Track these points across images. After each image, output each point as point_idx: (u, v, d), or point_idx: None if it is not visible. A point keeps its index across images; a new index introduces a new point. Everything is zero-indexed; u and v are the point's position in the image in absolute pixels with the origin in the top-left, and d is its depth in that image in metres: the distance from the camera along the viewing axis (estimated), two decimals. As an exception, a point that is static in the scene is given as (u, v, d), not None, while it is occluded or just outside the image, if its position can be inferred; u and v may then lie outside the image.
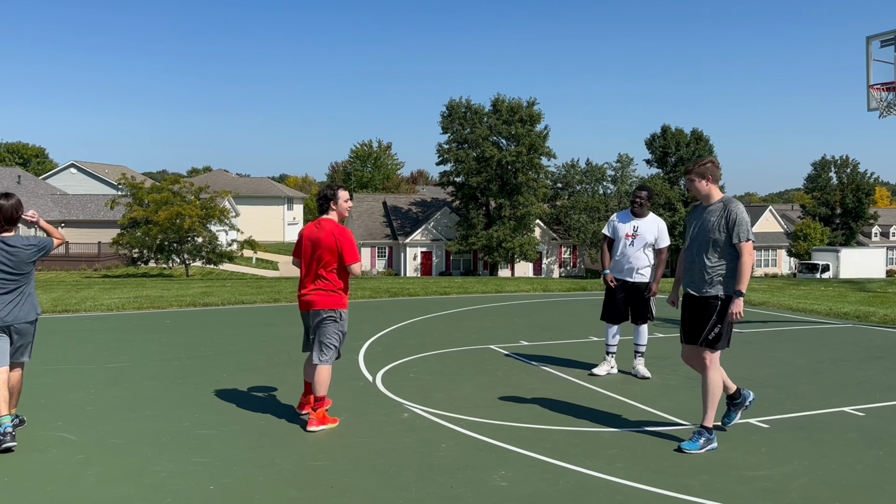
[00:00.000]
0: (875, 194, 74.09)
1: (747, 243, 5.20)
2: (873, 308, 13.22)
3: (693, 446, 5.17)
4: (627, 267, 7.35)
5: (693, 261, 5.38)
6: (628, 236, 7.34)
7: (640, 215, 7.41)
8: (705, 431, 5.25)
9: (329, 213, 5.89)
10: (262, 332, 10.38)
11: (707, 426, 5.26)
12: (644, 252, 7.34)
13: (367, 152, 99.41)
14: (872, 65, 9.38)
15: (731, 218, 5.21)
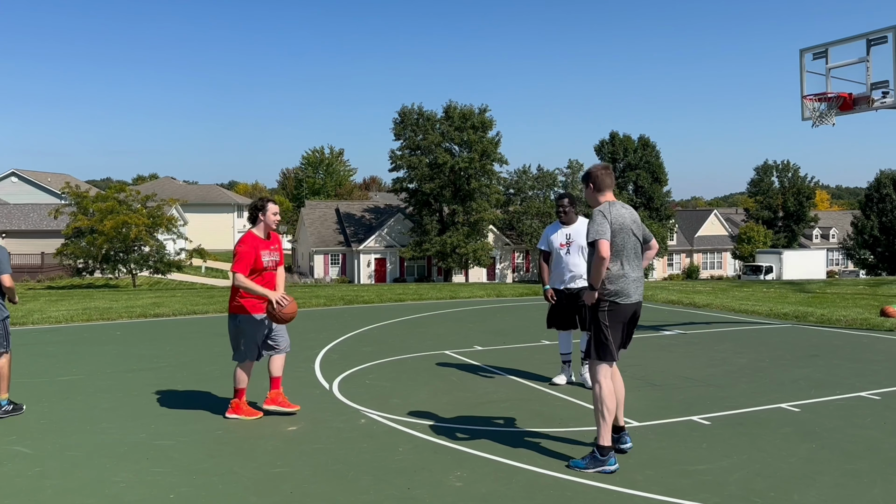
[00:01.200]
0: (815, 198, 76.52)
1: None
2: (811, 308, 13.77)
3: (579, 464, 5.03)
4: (570, 275, 7.31)
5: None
6: (562, 245, 7.33)
7: (569, 222, 7.33)
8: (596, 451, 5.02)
9: (256, 225, 6.24)
10: (216, 343, 10.35)
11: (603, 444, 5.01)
12: (582, 257, 7.25)
13: (319, 159, 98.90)
14: (806, 76, 9.87)
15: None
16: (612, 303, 5.09)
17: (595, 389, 5.09)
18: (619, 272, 5.09)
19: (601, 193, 5.25)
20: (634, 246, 5.20)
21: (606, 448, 4.97)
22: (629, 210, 5.28)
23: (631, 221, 5.20)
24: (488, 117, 52.57)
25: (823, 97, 9.45)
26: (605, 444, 4.96)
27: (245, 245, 6.07)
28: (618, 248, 5.09)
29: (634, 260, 5.19)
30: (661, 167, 62.49)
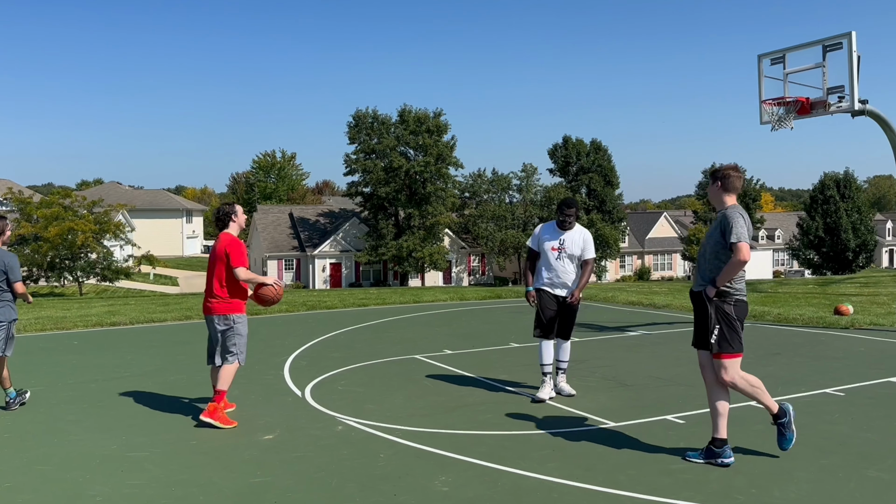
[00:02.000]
0: (761, 199, 78.53)
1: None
2: (767, 307, 14.12)
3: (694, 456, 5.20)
4: (557, 281, 7.09)
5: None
6: (554, 250, 7.06)
7: (568, 229, 7.13)
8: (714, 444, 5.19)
9: (229, 227, 6.53)
10: (179, 351, 10.14)
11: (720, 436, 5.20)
12: (572, 265, 7.08)
13: (271, 163, 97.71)
14: (764, 81, 10.12)
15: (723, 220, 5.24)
16: (738, 299, 5.26)
17: (740, 386, 5.25)
18: (742, 272, 5.28)
19: (728, 195, 5.35)
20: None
21: (724, 440, 5.17)
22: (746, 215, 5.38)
23: (749, 226, 5.37)
24: (443, 121, 52.67)
25: (781, 101, 9.71)
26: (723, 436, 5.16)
27: (237, 242, 6.42)
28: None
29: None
30: (613, 170, 63.39)
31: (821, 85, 9.49)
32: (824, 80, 9.45)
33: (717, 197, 5.38)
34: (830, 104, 9.39)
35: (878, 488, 4.56)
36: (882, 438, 5.55)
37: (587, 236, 7.18)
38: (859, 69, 9.06)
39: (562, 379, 7.27)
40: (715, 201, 5.41)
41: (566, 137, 63.85)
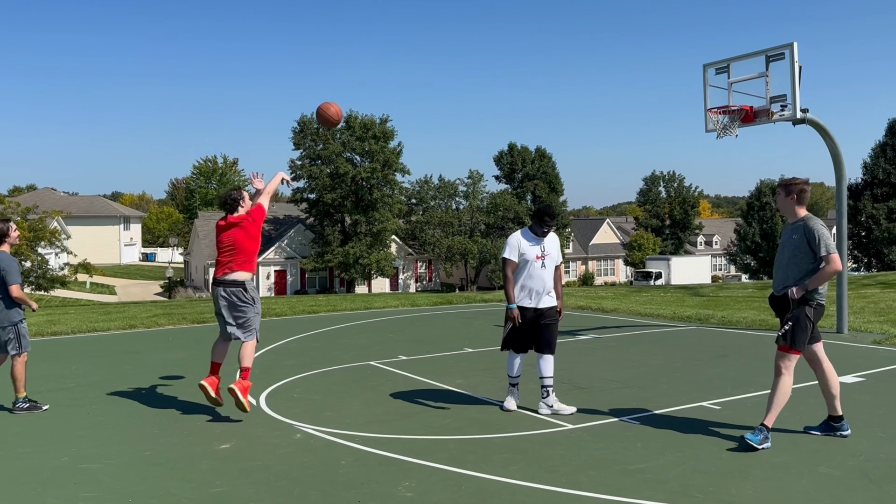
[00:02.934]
0: (699, 206, 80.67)
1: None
2: (711, 311, 14.49)
3: (754, 438, 5.48)
4: (539, 290, 6.73)
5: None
6: (539, 258, 6.72)
7: (546, 237, 6.89)
8: (765, 429, 5.54)
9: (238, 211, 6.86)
10: (125, 361, 9.86)
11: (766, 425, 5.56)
12: (550, 272, 6.82)
13: (212, 168, 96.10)
14: (709, 90, 10.40)
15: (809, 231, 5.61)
16: (819, 304, 5.64)
17: (781, 380, 5.65)
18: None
19: (801, 207, 5.74)
20: None
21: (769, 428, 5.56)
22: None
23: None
24: (390, 127, 52.59)
25: (726, 110, 9.99)
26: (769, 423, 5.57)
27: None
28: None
29: None
30: (558, 177, 64.35)
31: (764, 94, 9.81)
32: (767, 89, 9.77)
33: (789, 208, 5.76)
34: (773, 112, 9.71)
35: (830, 484, 4.72)
36: (831, 436, 5.75)
37: (557, 240, 7.05)
38: (801, 79, 9.41)
39: (555, 399, 6.73)
40: (786, 211, 5.80)
41: (511, 144, 64.60)
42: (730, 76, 10.17)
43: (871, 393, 7.18)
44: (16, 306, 6.90)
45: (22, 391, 6.93)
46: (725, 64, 10.17)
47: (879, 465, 5.04)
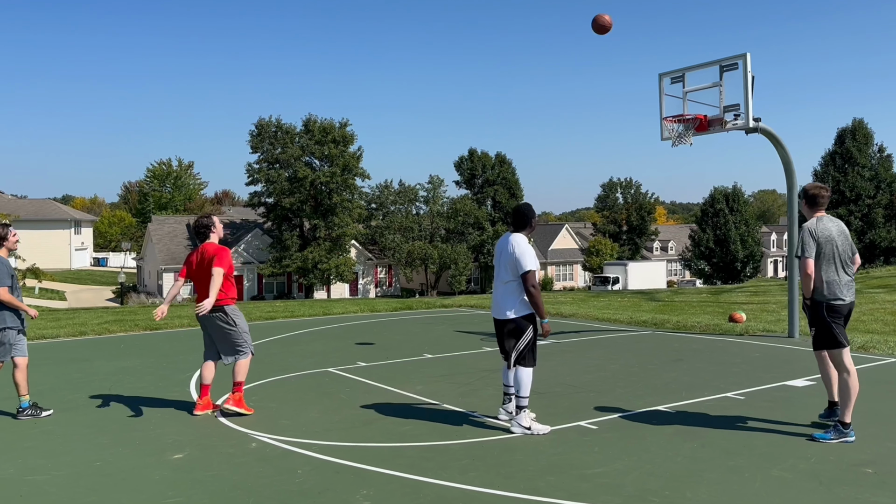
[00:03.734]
0: (655, 213, 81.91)
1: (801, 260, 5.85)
2: (666, 316, 14.71)
3: (825, 437, 5.79)
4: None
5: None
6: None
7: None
8: (839, 426, 5.79)
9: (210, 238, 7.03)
10: (75, 369, 9.62)
11: (845, 421, 5.80)
12: None
13: (166, 171, 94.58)
14: (665, 99, 10.57)
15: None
16: (828, 304, 5.85)
17: (844, 377, 5.83)
18: (830, 277, 5.85)
19: (811, 208, 6.02)
20: (842, 254, 5.91)
21: (848, 423, 5.79)
22: (836, 223, 5.98)
23: (837, 233, 5.92)
24: (349, 132, 52.37)
25: (681, 119, 10.15)
26: (848, 420, 5.79)
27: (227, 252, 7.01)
28: (827, 256, 5.86)
29: (842, 266, 5.90)
30: (517, 183, 64.73)
31: (718, 103, 9.99)
32: (721, 98, 9.96)
33: (806, 212, 6.09)
34: (727, 121, 9.90)
35: (783, 487, 4.80)
36: (782, 439, 5.86)
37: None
38: (753, 88, 9.61)
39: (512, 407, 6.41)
40: (807, 216, 6.10)
41: (472, 150, 64.78)
42: (685, 85, 10.35)
43: (822, 396, 7.32)
44: (7, 312, 6.81)
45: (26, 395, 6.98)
46: (680, 73, 10.35)
47: (829, 468, 5.15)
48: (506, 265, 6.22)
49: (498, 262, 6.37)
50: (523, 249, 6.15)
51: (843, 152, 54.48)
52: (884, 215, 53.09)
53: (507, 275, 6.22)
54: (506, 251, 6.24)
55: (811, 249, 5.82)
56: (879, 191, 53.76)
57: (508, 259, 6.19)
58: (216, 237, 7.08)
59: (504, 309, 6.23)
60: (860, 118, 55.06)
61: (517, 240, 6.23)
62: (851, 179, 53.21)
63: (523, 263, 6.09)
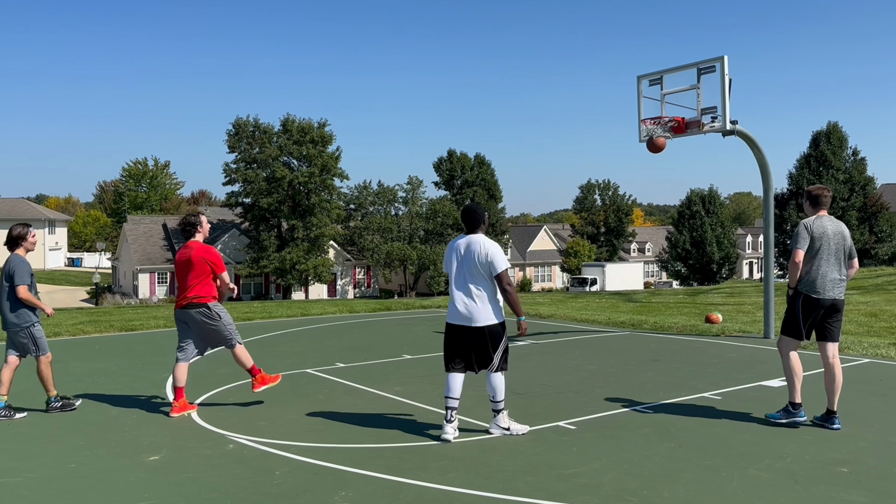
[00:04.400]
0: (633, 214, 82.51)
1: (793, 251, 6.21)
2: (644, 317, 14.81)
3: (775, 416, 6.32)
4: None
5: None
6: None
7: None
8: (789, 406, 6.28)
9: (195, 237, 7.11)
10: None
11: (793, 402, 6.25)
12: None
13: (142, 171, 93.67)
14: (643, 101, 10.64)
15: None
16: (806, 296, 6.16)
17: (783, 362, 6.30)
18: (817, 273, 6.14)
19: (813, 208, 6.37)
20: (836, 252, 6.18)
21: (797, 404, 6.22)
22: (835, 223, 6.27)
23: (833, 232, 6.20)
24: (328, 132, 52.18)
25: (659, 121, 10.22)
26: (796, 401, 6.22)
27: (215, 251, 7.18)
28: (817, 252, 6.15)
29: (834, 264, 6.17)
30: (496, 184, 64.93)
31: (695, 106, 10.08)
32: (699, 101, 10.04)
33: (809, 211, 6.42)
34: (704, 124, 9.98)
35: (759, 486, 4.85)
36: (759, 439, 5.92)
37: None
38: (731, 91, 9.71)
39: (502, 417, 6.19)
40: (809, 215, 6.41)
41: (451, 151, 64.88)
42: (663, 88, 10.43)
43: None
44: (26, 308, 6.99)
45: (52, 390, 7.14)
46: (659, 76, 10.43)
47: (805, 467, 5.20)
48: (475, 268, 5.96)
49: (461, 265, 6.02)
50: (495, 249, 6.00)
51: (817, 155, 55.24)
52: (857, 217, 53.86)
53: (479, 279, 5.97)
54: (473, 253, 5.97)
55: (803, 242, 6.13)
56: (853, 193, 54.55)
57: (478, 261, 5.94)
58: (201, 236, 7.20)
59: (480, 316, 5.96)
60: (835, 122, 55.85)
61: (484, 240, 6.02)
62: (825, 182, 53.88)
63: (498, 264, 5.95)
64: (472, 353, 6.04)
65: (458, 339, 6.07)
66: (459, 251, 6.08)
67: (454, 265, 6.10)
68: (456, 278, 6.08)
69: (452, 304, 6.11)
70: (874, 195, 55.33)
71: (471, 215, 6.13)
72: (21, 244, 7.08)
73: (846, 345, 10.38)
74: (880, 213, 54.48)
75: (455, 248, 6.12)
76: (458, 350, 6.07)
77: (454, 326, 6.08)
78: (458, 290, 6.05)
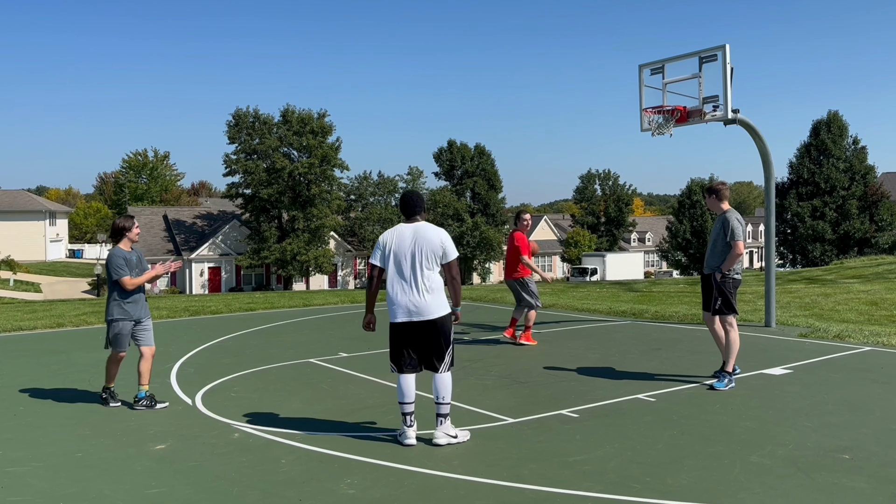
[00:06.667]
0: (633, 204, 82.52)
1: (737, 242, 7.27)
2: (645, 306, 14.83)
3: (719, 385, 7.24)
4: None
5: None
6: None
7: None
8: (727, 374, 7.32)
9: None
10: (53, 360, 9.52)
11: (728, 370, 7.34)
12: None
13: (142, 162, 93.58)
14: (644, 90, 10.62)
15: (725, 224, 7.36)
16: (733, 279, 7.38)
17: (730, 334, 7.36)
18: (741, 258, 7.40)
19: (723, 202, 7.56)
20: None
21: (731, 370, 7.37)
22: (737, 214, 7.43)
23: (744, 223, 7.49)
24: (328, 122, 52.09)
25: (660, 110, 10.21)
26: (730, 369, 7.37)
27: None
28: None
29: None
30: (496, 175, 64.87)
31: (697, 94, 10.07)
32: (700, 89, 10.02)
33: (715, 205, 7.61)
34: (706, 113, 9.97)
35: (761, 473, 4.88)
36: (760, 426, 5.96)
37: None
38: (732, 80, 9.69)
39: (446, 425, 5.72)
40: (714, 209, 7.64)
41: (451, 142, 64.78)
42: (664, 77, 10.41)
43: (799, 384, 7.47)
44: (119, 304, 6.80)
45: (111, 382, 7.05)
46: (660, 65, 10.41)
47: (807, 454, 5.24)
48: (427, 255, 5.57)
49: (409, 253, 5.59)
50: (446, 236, 5.68)
51: (818, 144, 55.14)
52: (858, 206, 53.81)
53: (431, 268, 5.59)
54: (425, 240, 5.59)
55: (744, 233, 7.37)
56: (854, 182, 54.48)
57: (431, 248, 5.57)
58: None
59: (432, 308, 5.57)
60: (835, 110, 55.72)
61: (434, 227, 5.68)
62: (826, 171, 53.88)
63: (451, 251, 5.62)
64: (425, 350, 5.67)
65: (409, 337, 5.68)
66: (407, 239, 5.63)
67: (404, 254, 5.61)
68: (401, 269, 5.61)
69: (397, 298, 5.65)
70: (874, 184, 55.24)
71: (409, 202, 5.76)
72: (125, 236, 6.96)
73: (847, 332, 10.41)
74: (881, 202, 54.40)
75: (399, 236, 5.65)
76: (411, 348, 5.70)
77: (403, 324, 5.65)
78: (405, 281, 5.59)
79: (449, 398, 5.65)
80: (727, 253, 7.33)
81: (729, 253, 7.29)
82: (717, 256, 7.42)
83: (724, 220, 7.36)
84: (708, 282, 7.54)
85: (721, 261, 7.37)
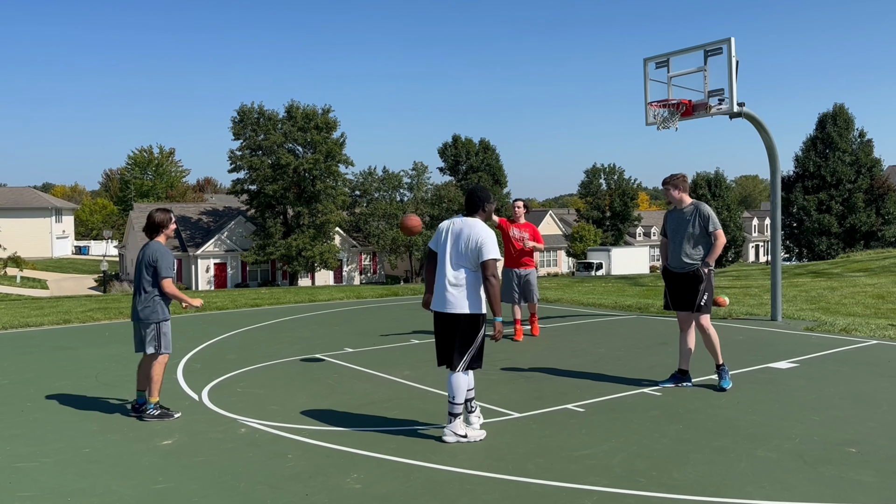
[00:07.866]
0: (638, 198, 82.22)
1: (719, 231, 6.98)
2: (650, 300, 14.81)
3: (726, 383, 7.03)
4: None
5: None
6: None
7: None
8: (724, 368, 7.11)
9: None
10: (60, 356, 9.55)
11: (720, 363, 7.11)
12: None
13: (148, 159, 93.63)
14: (649, 84, 10.59)
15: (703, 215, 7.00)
16: (711, 270, 7.03)
17: (712, 332, 7.04)
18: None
19: (685, 194, 7.16)
20: None
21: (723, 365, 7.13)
22: None
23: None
24: (332, 118, 51.99)
25: (666, 104, 10.18)
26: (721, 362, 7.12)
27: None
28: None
29: None
30: (501, 169, 64.84)
31: (702, 88, 10.03)
32: (706, 83, 9.99)
33: (678, 198, 7.14)
34: (711, 106, 9.94)
35: (767, 466, 4.88)
36: (766, 420, 5.95)
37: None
38: (738, 73, 9.65)
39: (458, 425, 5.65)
40: (675, 202, 7.17)
41: (455, 136, 64.75)
42: (669, 70, 10.38)
43: (805, 378, 7.46)
44: (161, 303, 6.45)
45: (156, 396, 6.40)
46: (665, 58, 10.38)
47: (814, 448, 5.23)
48: (462, 251, 5.54)
49: (448, 246, 5.60)
50: (487, 235, 5.51)
51: (824, 137, 54.93)
52: (864, 199, 53.62)
53: (463, 263, 5.54)
54: (465, 236, 5.55)
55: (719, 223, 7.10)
56: (860, 175, 54.27)
57: (467, 244, 5.52)
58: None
59: (457, 303, 5.51)
60: (841, 104, 55.47)
61: (478, 224, 5.60)
62: (832, 164, 53.69)
63: (487, 250, 5.46)
64: (446, 345, 5.61)
65: (436, 328, 5.70)
66: (455, 232, 5.64)
67: (447, 246, 5.64)
68: (443, 259, 5.63)
69: (436, 287, 5.68)
70: (881, 177, 55.04)
71: (471, 197, 5.75)
72: (162, 231, 6.55)
73: (853, 326, 10.38)
74: (887, 196, 54.20)
75: (452, 227, 5.68)
76: (437, 340, 5.70)
77: (434, 314, 5.68)
78: (441, 272, 5.62)
79: (459, 399, 5.54)
80: (708, 244, 6.93)
81: (713, 245, 6.90)
82: (696, 249, 6.94)
83: (698, 211, 6.95)
84: (685, 278, 6.99)
85: (704, 253, 6.94)
